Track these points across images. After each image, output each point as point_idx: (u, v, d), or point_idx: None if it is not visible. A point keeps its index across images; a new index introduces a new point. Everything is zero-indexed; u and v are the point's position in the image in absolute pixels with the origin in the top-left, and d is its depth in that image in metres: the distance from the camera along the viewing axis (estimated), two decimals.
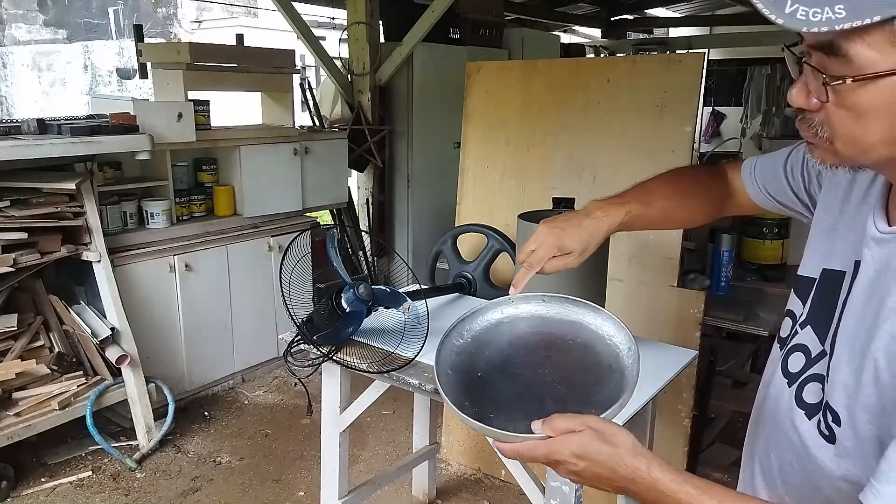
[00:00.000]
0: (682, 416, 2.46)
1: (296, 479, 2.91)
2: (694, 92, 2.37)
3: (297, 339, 1.96)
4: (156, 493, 2.79)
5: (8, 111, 12.52)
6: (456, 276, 2.58)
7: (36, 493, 2.76)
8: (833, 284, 0.88)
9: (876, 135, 0.70)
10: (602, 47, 8.28)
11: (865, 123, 0.70)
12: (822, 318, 0.88)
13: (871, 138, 0.71)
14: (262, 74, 3.81)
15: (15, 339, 2.86)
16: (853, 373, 0.79)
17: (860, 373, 0.77)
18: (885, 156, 0.73)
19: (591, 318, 1.04)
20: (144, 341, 3.17)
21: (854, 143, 0.72)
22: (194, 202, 3.59)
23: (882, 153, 0.72)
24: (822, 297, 0.89)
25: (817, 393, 0.85)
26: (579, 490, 1.63)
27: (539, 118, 2.71)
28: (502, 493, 2.82)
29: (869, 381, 0.76)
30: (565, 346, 1.01)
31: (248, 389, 3.71)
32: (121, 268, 3.11)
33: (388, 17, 4.56)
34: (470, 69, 2.90)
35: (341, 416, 2.14)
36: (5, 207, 2.76)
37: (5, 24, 13.49)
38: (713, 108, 9.11)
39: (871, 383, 0.76)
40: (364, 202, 4.68)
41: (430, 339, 1.97)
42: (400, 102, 4.58)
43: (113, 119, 3.05)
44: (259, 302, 3.76)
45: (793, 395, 0.89)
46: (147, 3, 14.81)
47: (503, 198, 2.81)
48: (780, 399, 0.92)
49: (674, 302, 2.41)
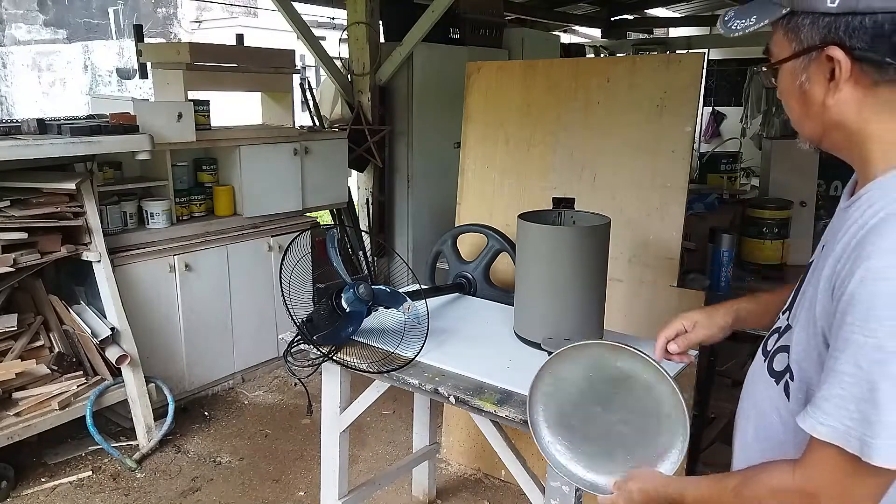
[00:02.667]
0: None
1: (296, 479, 2.91)
2: (694, 92, 2.37)
3: (297, 339, 1.96)
4: (156, 493, 2.79)
5: (8, 111, 12.52)
6: (456, 276, 2.58)
7: (36, 493, 2.76)
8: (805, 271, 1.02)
9: (796, 110, 0.93)
10: (602, 47, 8.28)
11: (788, 102, 0.94)
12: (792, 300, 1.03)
13: (795, 114, 0.94)
14: (262, 74, 3.81)
15: (15, 339, 2.86)
16: (803, 329, 0.92)
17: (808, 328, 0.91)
18: (816, 131, 0.93)
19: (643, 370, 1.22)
20: (144, 341, 3.17)
21: (792, 118, 0.95)
22: (194, 202, 3.59)
23: (812, 127, 0.93)
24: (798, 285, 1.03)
25: (783, 360, 0.98)
26: (579, 490, 1.63)
27: (539, 118, 2.71)
28: (502, 493, 2.82)
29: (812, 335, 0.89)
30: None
31: (248, 389, 3.71)
32: (121, 268, 3.11)
33: (388, 17, 4.56)
34: (470, 69, 2.90)
35: (341, 416, 2.14)
36: (5, 207, 2.76)
37: (5, 24, 13.48)
38: (713, 108, 9.12)
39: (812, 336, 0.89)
40: (364, 202, 4.68)
41: (430, 339, 1.98)
42: (400, 102, 4.58)
43: (113, 119, 3.05)
44: (259, 302, 3.76)
45: (765, 367, 1.03)
46: (147, 3, 14.80)
47: (503, 198, 2.81)
48: (756, 373, 1.07)
49: (674, 302, 2.41)
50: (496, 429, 1.78)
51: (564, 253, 1.92)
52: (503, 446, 1.79)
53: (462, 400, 1.70)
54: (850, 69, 0.85)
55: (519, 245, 2.05)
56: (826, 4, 0.83)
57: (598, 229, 1.95)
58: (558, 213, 2.11)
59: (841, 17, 0.83)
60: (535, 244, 1.98)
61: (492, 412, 1.66)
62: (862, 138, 0.89)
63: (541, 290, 1.97)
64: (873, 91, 0.85)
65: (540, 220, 2.03)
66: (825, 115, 0.90)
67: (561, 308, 1.94)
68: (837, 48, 0.84)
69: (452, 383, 1.76)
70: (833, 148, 0.95)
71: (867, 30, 0.82)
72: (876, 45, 0.82)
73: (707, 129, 8.96)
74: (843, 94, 0.87)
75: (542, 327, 1.95)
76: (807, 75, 0.89)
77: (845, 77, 0.85)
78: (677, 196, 2.39)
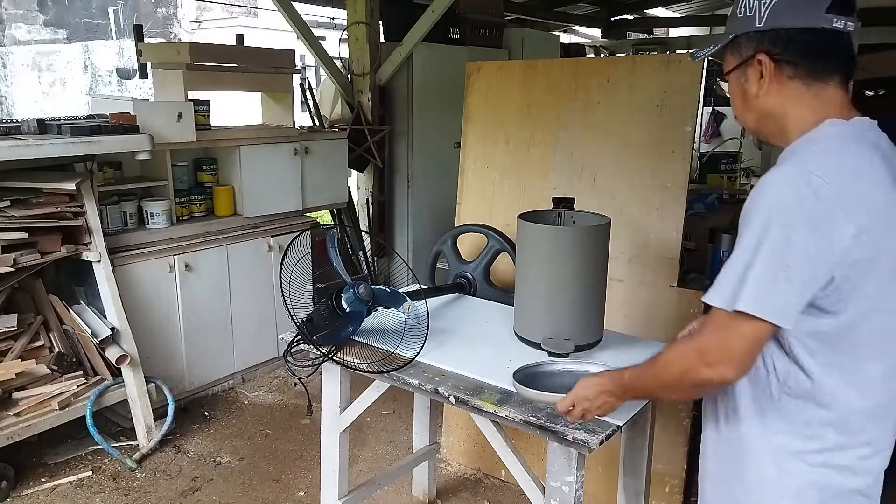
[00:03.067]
0: (682, 416, 2.47)
1: (296, 479, 2.91)
2: (694, 92, 2.37)
3: (297, 339, 1.97)
4: (156, 493, 2.79)
5: (8, 111, 12.51)
6: (456, 276, 2.58)
7: (36, 493, 2.76)
8: None
9: (739, 105, 1.29)
10: (602, 47, 8.28)
11: (734, 102, 1.30)
12: None
13: (739, 109, 1.30)
14: (262, 74, 3.81)
15: (15, 339, 2.86)
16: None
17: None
18: (753, 120, 1.27)
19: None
20: (144, 341, 3.17)
21: (737, 112, 1.31)
22: (194, 202, 3.58)
23: (750, 118, 1.28)
24: None
25: None
26: (579, 490, 1.63)
27: (539, 118, 2.71)
28: (502, 493, 2.82)
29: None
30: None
31: (248, 389, 3.71)
32: (121, 268, 3.11)
33: (388, 17, 4.56)
34: (470, 69, 2.90)
35: (341, 416, 2.14)
36: (5, 207, 2.76)
37: (5, 24, 13.48)
38: (713, 108, 9.10)
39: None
40: (364, 202, 4.68)
41: (430, 339, 1.98)
42: (400, 102, 4.58)
43: (113, 119, 3.05)
44: (259, 302, 3.76)
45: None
46: (147, 3, 14.80)
47: (503, 198, 2.81)
48: None
49: (674, 302, 2.41)
50: (496, 429, 1.78)
51: (564, 253, 1.92)
52: (503, 446, 1.79)
53: (462, 400, 1.70)
54: (773, 69, 1.20)
55: (519, 245, 2.05)
56: (755, 25, 1.20)
57: (598, 229, 1.95)
58: (558, 213, 2.12)
59: (765, 33, 1.19)
60: (535, 244, 1.98)
61: (492, 412, 1.66)
62: (784, 120, 1.22)
63: (541, 291, 1.97)
64: (788, 84, 1.20)
65: (540, 220, 2.03)
66: (759, 106, 1.24)
67: (561, 308, 1.94)
68: (764, 55, 1.19)
69: (452, 383, 1.76)
70: (768, 134, 1.27)
71: (782, 40, 1.18)
72: (788, 50, 1.18)
73: (707, 129, 8.95)
74: (769, 87, 1.21)
75: (542, 327, 1.95)
76: (745, 77, 1.24)
77: (770, 75, 1.20)
78: (677, 196, 2.39)
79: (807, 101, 1.19)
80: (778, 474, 1.22)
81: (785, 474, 1.21)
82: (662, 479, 2.51)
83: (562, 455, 1.60)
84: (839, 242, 1.06)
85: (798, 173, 1.09)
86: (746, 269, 1.09)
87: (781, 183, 1.10)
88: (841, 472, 1.19)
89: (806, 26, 1.16)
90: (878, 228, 1.08)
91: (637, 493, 2.09)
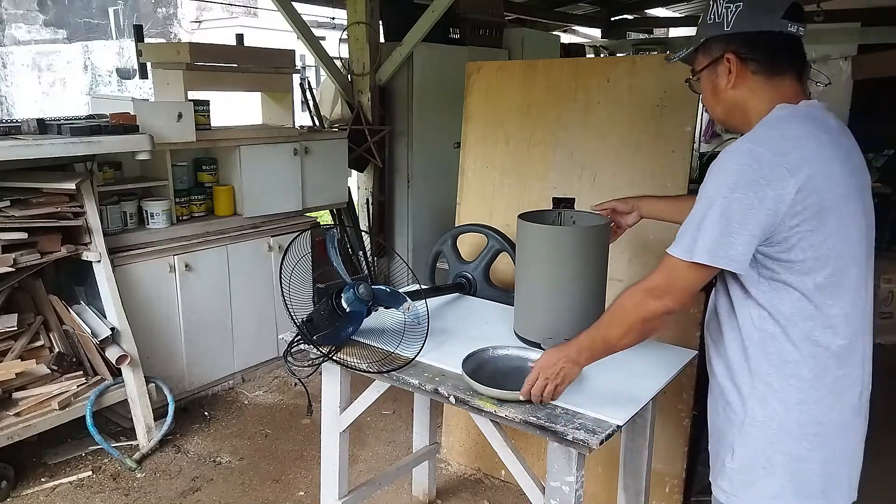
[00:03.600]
0: (682, 416, 2.47)
1: (296, 479, 2.91)
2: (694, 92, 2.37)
3: (297, 339, 1.96)
4: (156, 493, 2.79)
5: (8, 111, 12.52)
6: (456, 276, 2.58)
7: (36, 493, 2.76)
8: None
9: (710, 99, 1.49)
10: (602, 47, 8.28)
11: (705, 96, 1.51)
12: None
13: (709, 102, 1.50)
14: (262, 74, 3.81)
15: (15, 339, 2.86)
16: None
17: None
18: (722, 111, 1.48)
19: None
20: (144, 341, 3.17)
21: (708, 106, 1.51)
22: (194, 202, 3.59)
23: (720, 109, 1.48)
24: None
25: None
26: (579, 490, 1.63)
27: (539, 118, 2.70)
28: (502, 493, 2.82)
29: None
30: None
31: (248, 389, 3.71)
32: (121, 268, 3.11)
33: (388, 17, 4.56)
34: (470, 69, 2.90)
35: (341, 416, 2.14)
36: (5, 207, 2.76)
37: (5, 24, 13.49)
38: None
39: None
40: (364, 202, 4.68)
41: (430, 339, 1.98)
42: (400, 102, 4.58)
43: (113, 119, 3.05)
44: (259, 302, 3.76)
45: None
46: (147, 3, 14.80)
47: (503, 198, 2.81)
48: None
49: None
50: (496, 429, 1.78)
51: (564, 253, 1.92)
52: (503, 446, 1.79)
53: (462, 400, 1.70)
54: (739, 66, 1.40)
55: (519, 245, 2.05)
56: (724, 29, 1.40)
57: (598, 229, 1.95)
58: (558, 213, 2.12)
59: (733, 36, 1.39)
60: (535, 244, 1.98)
61: (492, 412, 1.66)
62: (746, 110, 1.42)
63: (541, 290, 1.97)
64: (752, 78, 1.40)
65: (540, 220, 2.03)
66: (727, 98, 1.44)
67: (561, 308, 1.94)
68: (732, 54, 1.40)
69: (452, 383, 1.76)
70: (735, 124, 1.47)
71: (746, 41, 1.38)
72: (752, 50, 1.38)
73: (707, 129, 8.94)
74: (736, 81, 1.41)
75: (542, 327, 1.95)
76: (716, 74, 1.44)
77: (736, 71, 1.40)
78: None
79: (766, 92, 1.39)
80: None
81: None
82: (662, 479, 2.51)
83: (562, 455, 1.60)
84: (782, 198, 1.25)
85: (745, 147, 1.29)
86: (701, 221, 1.30)
87: (731, 154, 1.31)
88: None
89: (766, 30, 1.37)
90: (819, 184, 1.27)
91: (637, 493, 2.09)
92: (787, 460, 1.38)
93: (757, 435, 1.40)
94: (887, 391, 3.17)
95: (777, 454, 1.38)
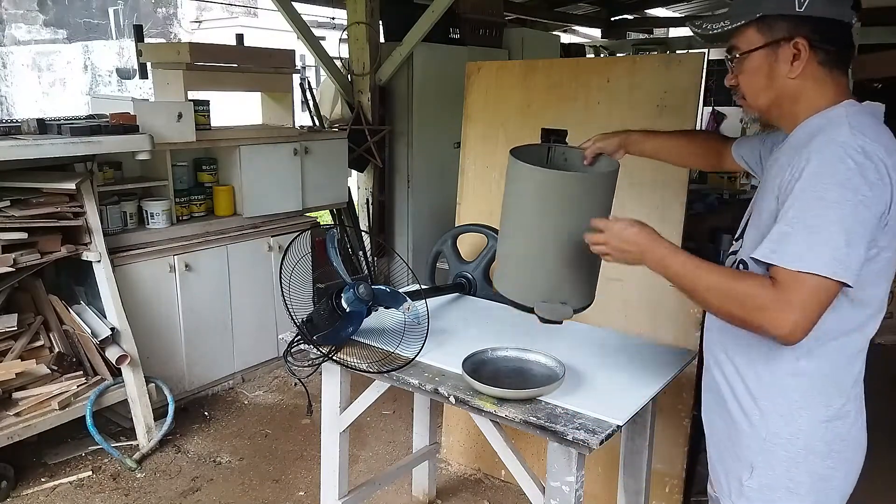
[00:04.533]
0: (682, 416, 2.46)
1: (296, 479, 2.91)
2: (694, 92, 2.37)
3: (297, 339, 1.96)
4: (156, 493, 2.79)
5: (8, 111, 12.52)
6: (456, 276, 2.58)
7: (36, 493, 2.76)
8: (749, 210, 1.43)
9: (761, 83, 1.31)
10: (602, 47, 8.28)
11: (754, 79, 1.31)
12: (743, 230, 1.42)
13: (756, 87, 1.32)
14: (262, 74, 3.81)
15: (15, 339, 2.86)
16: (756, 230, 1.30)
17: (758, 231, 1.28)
18: (770, 99, 1.31)
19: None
20: (144, 341, 3.17)
21: (752, 93, 1.33)
22: (194, 202, 3.58)
23: (768, 97, 1.31)
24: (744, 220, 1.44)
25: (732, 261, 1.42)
26: (579, 490, 1.63)
27: (539, 118, 2.70)
28: (502, 493, 2.82)
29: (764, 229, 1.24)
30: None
31: (248, 389, 3.71)
32: (121, 268, 3.11)
33: (388, 17, 4.56)
34: (470, 69, 2.90)
35: (341, 416, 2.14)
36: (5, 207, 2.76)
37: (5, 24, 13.49)
38: (713, 108, 9.10)
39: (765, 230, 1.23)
40: (364, 202, 4.68)
41: (430, 339, 1.97)
42: (400, 102, 4.58)
43: (113, 119, 3.05)
44: (259, 302, 3.76)
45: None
46: (147, 3, 14.81)
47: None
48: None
49: (674, 302, 2.41)
50: (496, 429, 1.78)
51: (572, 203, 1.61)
52: (503, 446, 1.79)
53: (462, 400, 1.70)
54: (808, 53, 1.24)
55: (511, 188, 1.71)
56: (795, 9, 1.23)
57: (607, 177, 1.69)
58: (548, 148, 1.83)
59: (805, 19, 1.23)
60: (532, 190, 1.64)
61: (492, 412, 1.66)
62: (799, 102, 1.28)
63: (534, 245, 1.66)
64: (817, 69, 1.26)
65: (529, 156, 1.71)
66: (782, 86, 1.28)
67: (558, 267, 1.65)
68: (804, 39, 1.23)
69: (452, 383, 1.76)
70: (776, 115, 1.34)
71: (821, 28, 1.23)
72: (824, 37, 1.24)
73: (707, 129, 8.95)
74: (800, 70, 1.25)
75: (534, 289, 1.68)
76: (775, 57, 1.27)
77: (805, 59, 1.24)
78: (677, 196, 2.39)
79: (828, 86, 1.26)
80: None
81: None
82: (662, 479, 2.51)
83: (562, 455, 1.60)
84: (888, 204, 1.14)
85: (857, 143, 1.14)
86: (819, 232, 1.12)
87: (841, 148, 1.14)
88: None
89: (837, 18, 1.24)
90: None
91: (637, 493, 2.09)
92: (812, 480, 1.29)
93: (781, 454, 1.29)
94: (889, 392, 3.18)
95: (802, 474, 1.29)
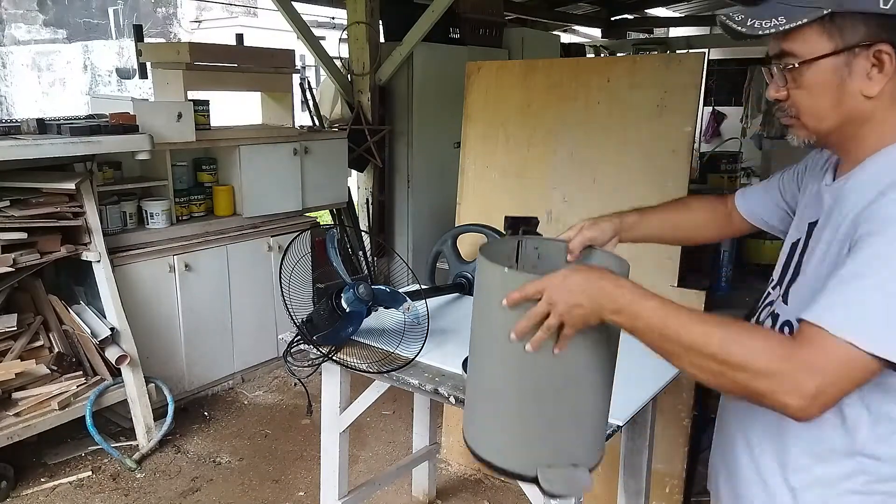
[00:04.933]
0: (682, 416, 2.46)
1: (296, 479, 2.91)
2: (694, 92, 2.37)
3: (297, 339, 1.96)
4: (155, 493, 2.79)
5: (8, 111, 12.53)
6: (456, 276, 2.57)
7: (36, 493, 2.76)
8: (792, 250, 1.14)
9: (826, 102, 0.97)
10: (602, 47, 8.28)
11: (817, 96, 0.97)
12: (783, 274, 1.14)
13: (822, 106, 0.98)
14: (262, 74, 3.81)
15: (15, 339, 2.86)
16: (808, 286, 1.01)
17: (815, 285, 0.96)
18: (836, 123, 0.98)
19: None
20: (144, 341, 3.17)
21: (813, 114, 0.99)
22: (194, 202, 3.58)
23: (834, 120, 0.98)
24: (786, 262, 1.16)
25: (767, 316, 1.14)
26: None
27: (539, 118, 2.70)
28: (502, 493, 2.82)
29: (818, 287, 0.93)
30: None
31: (248, 389, 3.71)
32: (120, 268, 3.11)
33: (388, 17, 4.56)
34: (470, 69, 2.89)
35: (341, 417, 2.13)
36: (5, 207, 2.76)
37: (5, 24, 13.49)
38: (713, 108, 9.11)
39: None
40: (364, 202, 4.68)
41: (430, 339, 1.97)
42: (400, 102, 4.58)
43: (113, 119, 3.05)
44: (259, 302, 3.76)
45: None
46: (147, 2, 14.81)
47: (503, 198, 2.80)
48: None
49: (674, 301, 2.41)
50: None
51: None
52: None
53: (462, 400, 1.70)
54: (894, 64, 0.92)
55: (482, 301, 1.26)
56: (879, 6, 0.90)
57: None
58: (518, 242, 1.39)
59: (891, 19, 0.90)
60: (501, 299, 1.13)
61: None
62: (870, 128, 0.98)
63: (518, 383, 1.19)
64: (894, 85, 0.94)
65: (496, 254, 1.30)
66: (855, 106, 0.96)
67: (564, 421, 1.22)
68: (889, 45, 0.91)
69: (452, 383, 1.76)
70: (835, 142, 1.03)
71: None
72: None
73: (707, 129, 8.96)
74: (882, 86, 0.94)
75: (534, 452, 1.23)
76: (849, 70, 0.94)
77: (891, 72, 0.93)
78: (677, 196, 2.38)
79: None
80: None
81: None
82: (662, 479, 2.51)
83: None
84: None
85: None
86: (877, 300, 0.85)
87: None
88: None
89: None
90: None
91: (637, 493, 2.09)
92: None
93: None
94: None
95: None
